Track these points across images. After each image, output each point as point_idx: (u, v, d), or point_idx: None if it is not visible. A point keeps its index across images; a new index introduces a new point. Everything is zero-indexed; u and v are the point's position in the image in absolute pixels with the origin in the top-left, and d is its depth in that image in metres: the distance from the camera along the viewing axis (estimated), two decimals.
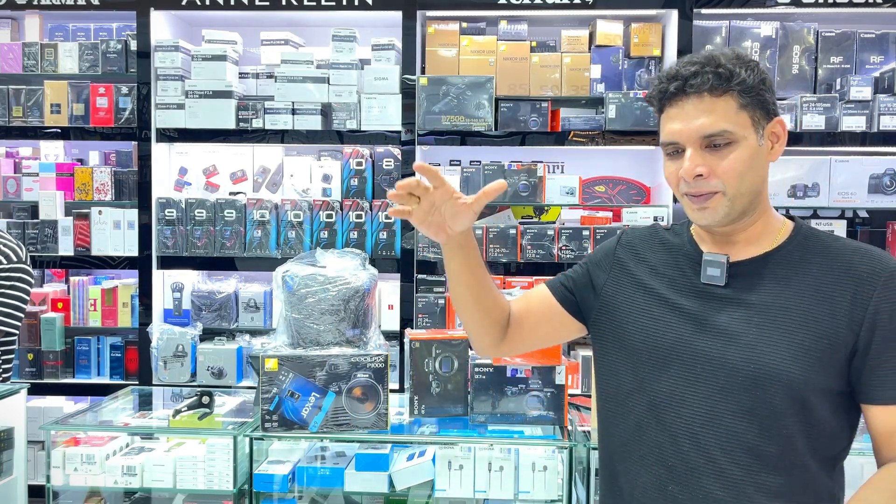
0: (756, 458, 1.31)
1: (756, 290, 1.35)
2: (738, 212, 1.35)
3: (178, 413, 2.58)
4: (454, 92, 3.42)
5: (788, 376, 1.28)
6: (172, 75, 3.56)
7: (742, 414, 1.31)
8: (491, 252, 3.44)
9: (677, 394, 1.37)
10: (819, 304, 1.31)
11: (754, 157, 1.33)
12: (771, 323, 1.32)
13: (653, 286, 1.46)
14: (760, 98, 1.32)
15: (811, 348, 1.29)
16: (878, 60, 3.46)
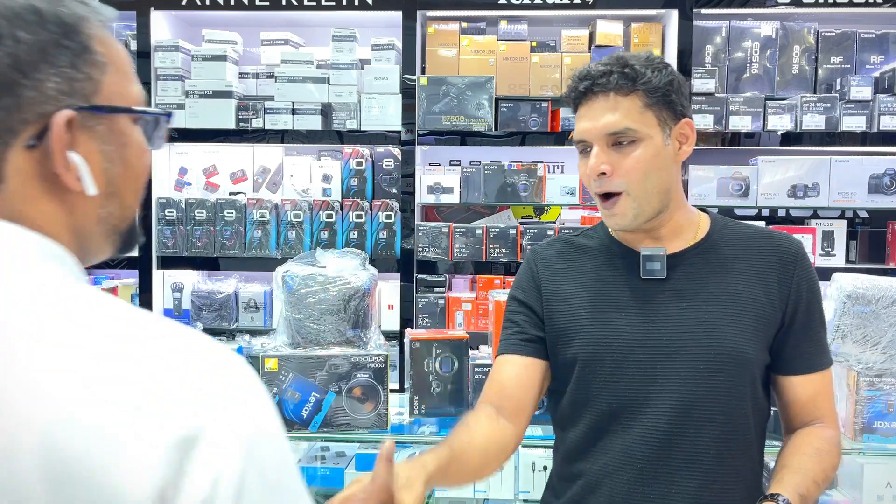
0: (723, 442, 1.37)
1: (696, 279, 1.41)
2: (648, 213, 1.39)
3: None
4: (454, 92, 3.42)
5: (746, 356, 1.37)
6: (172, 75, 3.56)
7: (711, 401, 1.36)
8: (491, 252, 3.44)
9: (641, 394, 1.38)
10: (754, 286, 1.39)
11: (658, 157, 1.36)
12: (720, 307, 1.38)
13: (589, 295, 1.45)
14: (667, 99, 1.36)
15: (755, 326, 1.38)
16: (878, 60, 3.46)
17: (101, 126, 0.76)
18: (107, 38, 0.77)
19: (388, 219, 3.47)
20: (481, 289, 3.44)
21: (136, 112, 0.80)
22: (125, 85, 0.78)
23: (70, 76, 0.72)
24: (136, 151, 0.82)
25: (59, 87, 0.71)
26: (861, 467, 2.33)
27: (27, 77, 0.69)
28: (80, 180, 0.73)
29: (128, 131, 0.80)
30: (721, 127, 3.38)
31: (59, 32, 0.71)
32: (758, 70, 3.47)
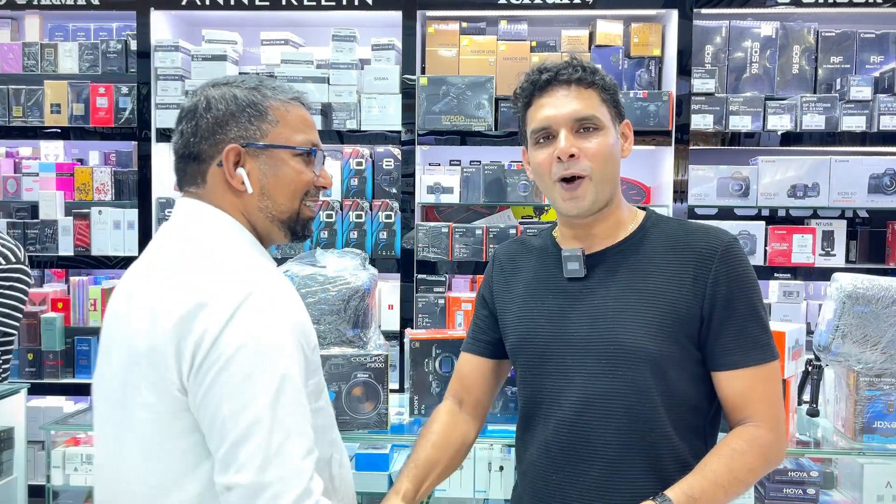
0: (626, 434, 1.41)
1: (613, 276, 1.46)
2: (602, 199, 1.46)
3: None
4: (454, 92, 3.42)
5: (646, 351, 1.39)
6: (172, 75, 3.56)
7: (612, 395, 1.41)
8: (491, 252, 3.43)
9: (557, 387, 1.47)
10: (667, 283, 1.42)
11: (615, 147, 1.47)
12: (626, 304, 1.43)
13: (526, 294, 1.55)
14: (615, 98, 1.48)
15: (662, 323, 1.40)
16: (878, 60, 3.46)
17: (262, 156, 1.31)
18: (284, 107, 1.32)
19: (388, 219, 3.47)
20: None
21: (280, 147, 1.32)
22: (289, 134, 1.32)
23: (246, 128, 1.30)
24: (288, 171, 1.32)
25: (238, 134, 1.30)
26: (861, 467, 2.33)
27: (221, 129, 1.29)
28: (243, 184, 1.29)
29: (283, 158, 1.32)
30: (721, 127, 3.37)
31: (245, 106, 1.30)
32: (758, 70, 3.47)
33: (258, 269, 1.24)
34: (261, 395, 1.12)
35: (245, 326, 1.14)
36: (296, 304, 1.26)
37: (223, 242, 1.27)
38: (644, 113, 3.38)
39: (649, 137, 3.40)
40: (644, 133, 3.40)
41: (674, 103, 3.37)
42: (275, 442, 1.11)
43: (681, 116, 3.37)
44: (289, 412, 1.14)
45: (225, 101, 1.29)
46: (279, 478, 1.11)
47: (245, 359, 1.13)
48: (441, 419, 1.63)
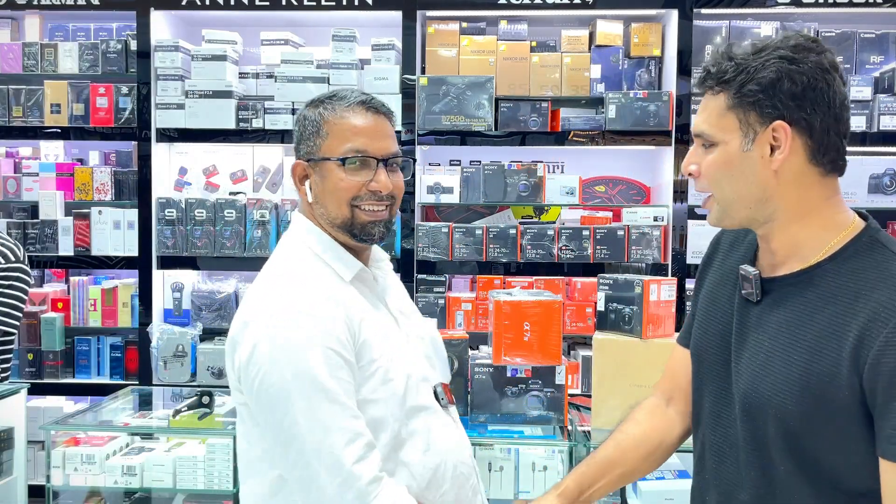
0: (755, 486, 1.24)
1: (779, 311, 1.22)
2: (736, 220, 1.26)
3: (178, 413, 2.58)
4: (454, 92, 3.42)
5: (781, 407, 1.18)
6: (172, 75, 3.56)
7: (747, 439, 1.25)
8: (491, 252, 3.44)
9: (714, 410, 1.33)
10: (829, 337, 1.15)
11: (733, 164, 1.21)
12: (777, 350, 1.20)
13: (717, 291, 1.37)
14: (755, 99, 1.18)
15: (809, 383, 1.15)
16: (878, 60, 3.46)
17: (318, 168, 1.45)
18: (336, 119, 1.44)
19: None
20: (481, 289, 3.44)
21: (325, 160, 1.44)
22: (335, 145, 1.43)
23: (308, 145, 1.47)
24: (332, 180, 1.43)
25: (304, 151, 1.47)
26: None
27: (298, 148, 1.49)
28: (306, 194, 1.46)
29: (328, 169, 1.44)
30: None
31: (309, 125, 1.46)
32: None
33: (299, 282, 1.39)
34: (294, 402, 1.29)
35: (275, 342, 1.32)
36: (327, 310, 1.35)
37: (288, 258, 1.46)
38: (644, 113, 3.38)
39: (649, 137, 3.40)
40: (644, 133, 3.40)
41: (674, 103, 3.37)
42: (314, 441, 1.28)
43: (681, 116, 3.37)
44: (323, 411, 1.29)
45: (301, 123, 1.47)
46: (322, 469, 1.28)
47: (277, 373, 1.30)
48: (636, 417, 1.51)
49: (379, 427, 1.37)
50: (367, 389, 1.37)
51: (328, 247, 1.45)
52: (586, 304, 3.44)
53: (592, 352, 2.36)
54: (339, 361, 1.32)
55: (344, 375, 1.32)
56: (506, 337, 2.39)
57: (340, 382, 1.31)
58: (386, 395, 1.39)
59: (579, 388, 3.29)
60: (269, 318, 1.34)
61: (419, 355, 1.52)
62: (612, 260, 3.40)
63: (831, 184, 1.22)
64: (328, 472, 1.28)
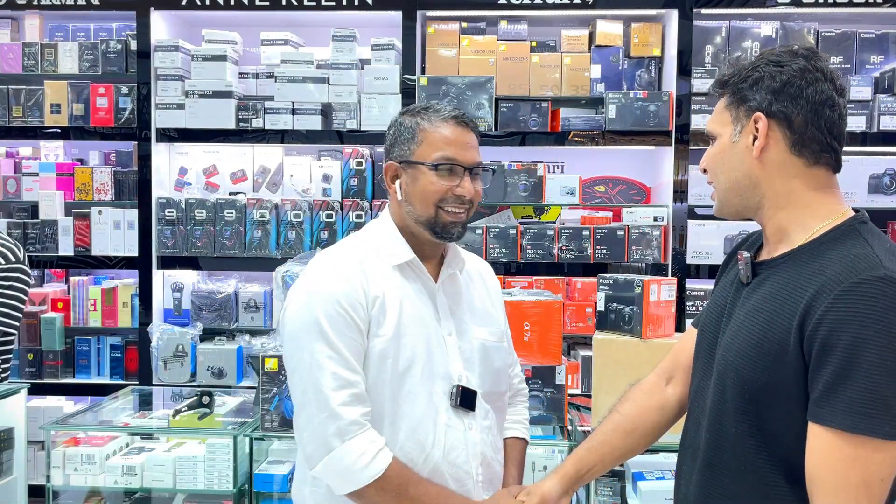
0: (711, 447, 1.34)
1: (760, 289, 1.33)
2: (732, 208, 1.39)
3: (178, 413, 2.58)
4: (454, 92, 3.42)
5: (738, 372, 1.28)
6: (172, 75, 3.56)
7: (713, 404, 1.34)
8: (491, 252, 3.44)
9: (699, 383, 1.43)
10: (784, 308, 1.24)
11: (723, 154, 1.37)
12: (745, 321, 1.31)
13: (727, 278, 1.48)
14: (741, 94, 1.32)
15: (762, 350, 1.24)
16: (878, 60, 3.46)
17: (410, 169, 1.60)
18: (431, 128, 1.60)
19: None
20: None
21: (419, 163, 1.58)
22: (428, 151, 1.58)
23: (402, 148, 1.61)
24: (423, 182, 1.58)
25: (398, 154, 1.62)
26: None
27: (391, 150, 1.65)
28: (396, 192, 1.62)
29: (420, 173, 1.58)
30: None
31: (404, 131, 1.62)
32: None
33: (337, 255, 1.60)
34: (302, 342, 1.51)
35: (301, 297, 1.55)
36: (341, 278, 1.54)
37: (353, 241, 1.65)
38: (644, 113, 3.38)
39: (649, 137, 3.40)
40: (644, 133, 3.40)
41: (674, 103, 3.37)
42: (312, 376, 1.48)
43: (681, 116, 3.37)
44: (322, 357, 1.48)
45: (395, 128, 1.64)
46: (314, 400, 1.48)
47: (297, 320, 1.54)
48: (633, 397, 1.63)
49: (371, 389, 1.52)
50: (370, 351, 1.53)
51: (388, 230, 1.64)
52: (586, 304, 3.44)
53: (592, 352, 2.36)
54: (348, 319, 1.49)
55: (349, 332, 1.50)
56: None
57: (342, 336, 1.49)
58: (377, 370, 1.52)
59: (579, 388, 3.29)
60: (303, 280, 1.57)
61: (451, 353, 1.60)
62: (612, 260, 3.40)
63: (819, 175, 1.30)
64: (317, 404, 1.47)
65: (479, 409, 1.60)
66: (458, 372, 1.59)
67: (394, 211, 1.65)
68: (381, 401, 1.52)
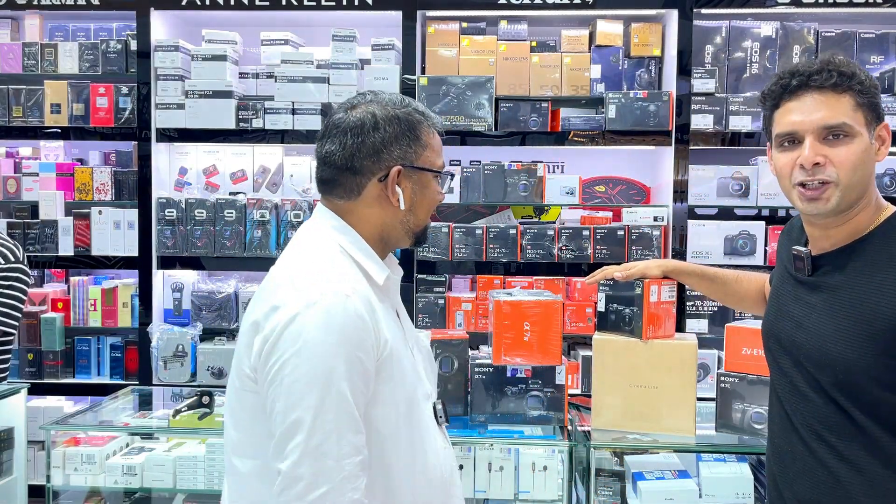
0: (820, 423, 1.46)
1: (831, 280, 1.47)
2: (847, 203, 1.46)
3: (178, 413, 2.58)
4: (454, 92, 3.42)
5: (832, 359, 1.42)
6: (172, 75, 3.56)
7: (806, 387, 1.48)
8: (491, 252, 3.44)
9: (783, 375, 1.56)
10: (874, 292, 1.40)
11: (866, 153, 1.45)
12: (826, 312, 1.45)
13: (780, 274, 1.64)
14: (874, 101, 1.45)
15: (858, 331, 1.39)
16: (878, 60, 3.46)
17: (414, 176, 1.46)
18: (430, 132, 1.48)
19: None
20: (481, 289, 3.44)
21: (432, 171, 1.48)
22: (433, 158, 1.48)
23: (405, 150, 1.44)
24: (430, 192, 1.49)
25: (399, 154, 1.43)
26: None
27: (386, 148, 1.42)
28: (399, 201, 1.44)
29: (429, 180, 1.48)
30: (721, 127, 3.37)
31: (406, 129, 1.44)
32: (758, 70, 3.47)
33: (335, 281, 1.34)
34: (306, 398, 1.26)
35: (302, 333, 1.28)
36: (358, 317, 1.31)
37: (322, 254, 1.40)
38: (644, 113, 3.38)
39: (649, 137, 3.40)
40: (644, 133, 3.40)
41: (674, 103, 3.37)
42: (313, 442, 1.25)
43: (681, 116, 3.37)
44: (331, 417, 1.26)
45: (391, 123, 1.42)
46: (313, 473, 1.25)
47: (298, 363, 1.27)
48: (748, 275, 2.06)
49: (385, 442, 1.36)
50: (379, 406, 1.35)
51: (363, 248, 1.44)
52: (586, 304, 3.44)
53: (592, 352, 2.36)
54: (361, 370, 1.30)
55: (361, 385, 1.30)
56: (506, 337, 2.39)
57: (355, 392, 1.29)
58: (395, 415, 1.37)
59: (579, 388, 3.29)
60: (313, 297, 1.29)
61: (421, 370, 1.50)
62: (612, 260, 3.40)
63: None
64: (315, 477, 1.25)
65: None
66: (426, 387, 1.49)
67: (371, 218, 1.44)
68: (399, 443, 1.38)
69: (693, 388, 2.28)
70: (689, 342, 2.30)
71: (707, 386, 3.13)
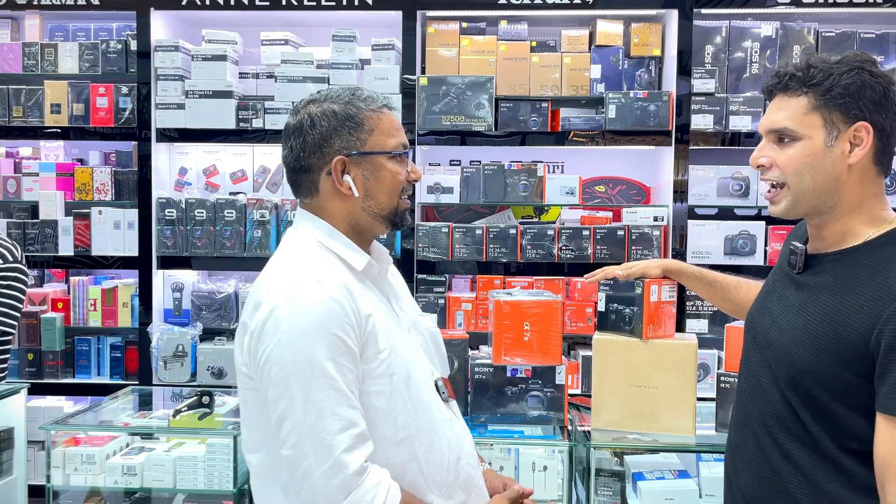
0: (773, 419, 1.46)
1: (814, 281, 1.45)
2: (803, 208, 1.45)
3: (178, 413, 2.58)
4: (454, 92, 3.42)
5: (792, 358, 1.41)
6: (172, 75, 3.56)
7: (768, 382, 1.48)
8: (491, 252, 3.44)
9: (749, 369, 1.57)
10: (848, 303, 1.36)
11: (814, 157, 1.40)
12: (800, 312, 1.44)
13: (776, 269, 1.63)
14: (840, 101, 1.38)
15: (825, 341, 1.37)
16: (879, 60, 3.45)
17: (364, 161, 1.49)
18: (376, 116, 1.50)
19: None
20: (481, 289, 3.44)
21: (381, 154, 1.49)
22: (383, 140, 1.50)
23: (347, 140, 1.48)
24: (386, 174, 1.50)
25: (341, 145, 1.48)
26: None
27: (326, 143, 1.47)
28: (350, 189, 1.48)
29: (381, 162, 1.50)
30: (721, 127, 3.38)
31: (344, 120, 1.48)
32: (758, 70, 3.47)
33: (308, 272, 1.41)
34: (293, 384, 1.33)
35: (280, 324, 1.35)
36: (332, 300, 1.37)
37: (298, 251, 1.48)
38: (644, 113, 3.38)
39: (649, 137, 3.40)
40: (644, 133, 3.40)
41: (674, 103, 3.37)
42: (308, 422, 1.31)
43: (681, 116, 3.37)
44: (321, 396, 1.32)
45: (327, 118, 1.47)
46: (314, 451, 1.31)
47: (280, 352, 1.34)
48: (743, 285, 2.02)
49: (383, 420, 1.41)
50: (371, 382, 1.40)
51: (339, 238, 1.50)
52: (586, 304, 3.44)
53: (592, 352, 2.36)
54: (343, 349, 1.35)
55: (346, 363, 1.35)
56: (506, 337, 2.39)
57: (341, 369, 1.34)
58: (389, 389, 1.42)
59: (579, 388, 3.29)
60: (280, 308, 1.36)
61: (419, 350, 1.56)
62: (612, 260, 3.40)
63: (880, 183, 1.45)
64: (317, 455, 1.31)
65: None
66: (426, 365, 1.55)
67: (336, 211, 1.50)
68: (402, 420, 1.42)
69: (693, 388, 2.28)
70: (689, 342, 2.30)
71: (707, 386, 3.13)
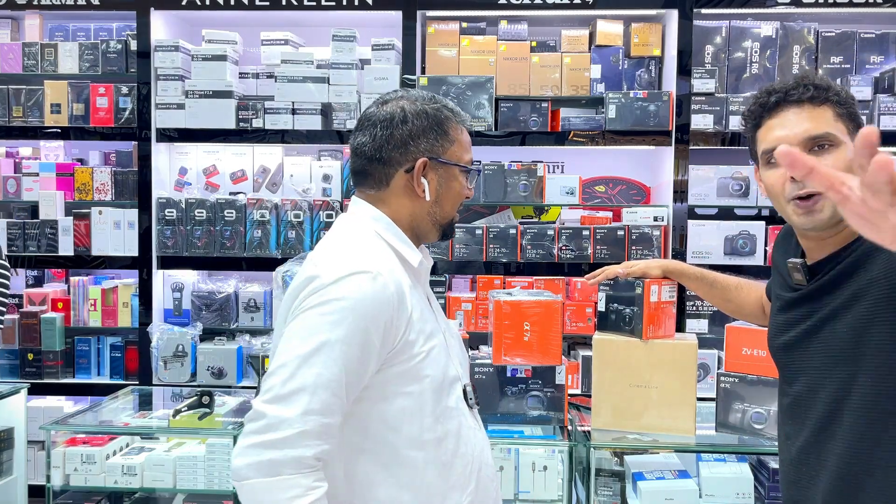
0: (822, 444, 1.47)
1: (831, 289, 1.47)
2: (838, 216, 1.43)
3: (178, 413, 2.58)
4: (454, 92, 3.42)
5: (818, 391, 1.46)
6: (172, 75, 3.56)
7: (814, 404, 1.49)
8: (491, 252, 3.44)
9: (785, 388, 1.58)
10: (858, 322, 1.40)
11: (848, 162, 1.42)
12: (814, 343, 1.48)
13: (778, 283, 1.64)
14: (851, 111, 1.46)
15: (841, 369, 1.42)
16: (878, 60, 3.46)
17: (441, 169, 1.52)
18: (458, 128, 1.55)
19: None
20: (481, 289, 3.44)
21: (458, 166, 1.54)
22: (460, 153, 1.55)
23: (432, 144, 1.51)
24: (456, 186, 1.55)
25: (426, 147, 1.50)
26: None
27: (413, 141, 1.49)
28: (424, 192, 1.50)
29: (455, 174, 1.54)
30: (721, 127, 3.38)
31: (435, 124, 1.51)
32: (758, 70, 3.47)
33: (367, 260, 1.40)
34: (299, 347, 1.33)
35: (324, 296, 1.35)
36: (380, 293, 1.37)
37: (358, 238, 1.48)
38: (644, 113, 3.38)
39: (649, 137, 3.40)
40: (644, 133, 3.40)
41: (674, 103, 3.37)
42: (287, 388, 1.30)
43: (681, 116, 3.37)
44: (314, 371, 1.31)
45: (419, 118, 1.49)
46: (276, 416, 1.29)
47: (307, 317, 1.35)
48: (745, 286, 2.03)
49: (409, 420, 1.41)
50: (403, 381, 1.40)
51: (398, 234, 1.51)
52: (586, 304, 3.44)
53: (592, 352, 2.36)
54: (362, 339, 1.34)
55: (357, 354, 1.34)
56: (506, 337, 2.39)
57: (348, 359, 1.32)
58: (419, 390, 1.42)
59: (579, 388, 3.29)
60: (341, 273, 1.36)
61: (453, 354, 1.55)
62: (612, 260, 3.40)
63: None
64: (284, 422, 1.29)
65: None
66: (458, 370, 1.54)
67: (401, 208, 1.51)
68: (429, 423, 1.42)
69: (693, 388, 2.28)
70: (689, 342, 2.30)
71: (707, 386, 3.13)
